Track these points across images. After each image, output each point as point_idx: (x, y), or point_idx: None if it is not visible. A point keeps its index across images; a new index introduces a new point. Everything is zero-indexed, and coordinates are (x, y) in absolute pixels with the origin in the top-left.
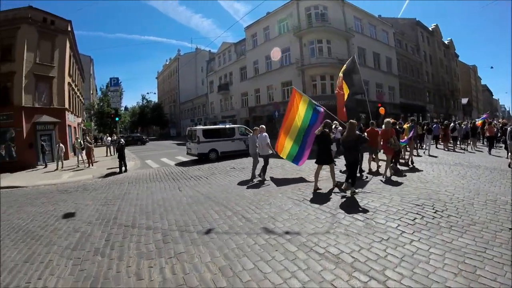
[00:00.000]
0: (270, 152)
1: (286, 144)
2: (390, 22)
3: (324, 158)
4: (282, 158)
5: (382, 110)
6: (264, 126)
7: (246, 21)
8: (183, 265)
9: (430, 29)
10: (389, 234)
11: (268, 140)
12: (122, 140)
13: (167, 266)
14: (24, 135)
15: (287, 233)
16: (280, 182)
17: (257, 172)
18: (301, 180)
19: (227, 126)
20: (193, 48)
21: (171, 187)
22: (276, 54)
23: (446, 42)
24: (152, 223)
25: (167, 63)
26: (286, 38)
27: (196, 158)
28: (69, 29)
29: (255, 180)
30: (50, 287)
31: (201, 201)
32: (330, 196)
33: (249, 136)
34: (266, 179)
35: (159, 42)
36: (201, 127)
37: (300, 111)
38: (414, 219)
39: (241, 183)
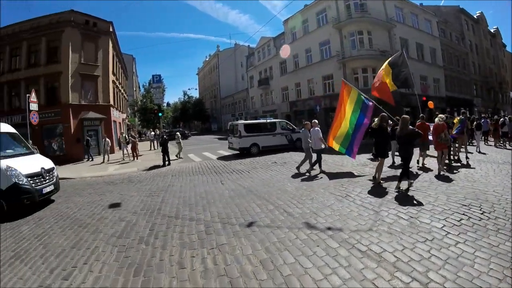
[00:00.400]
0: (323, 146)
1: (338, 136)
2: (433, 10)
3: (382, 151)
4: (330, 153)
5: (431, 104)
6: (316, 121)
7: (284, 15)
8: (225, 256)
9: (475, 16)
10: (434, 234)
11: (321, 134)
12: (165, 135)
13: (209, 256)
14: (72, 131)
15: (329, 229)
16: (322, 177)
17: (304, 167)
18: (344, 175)
19: (268, 120)
20: (232, 44)
21: (213, 180)
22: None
23: (492, 30)
24: (195, 214)
25: (207, 59)
26: (325, 31)
27: (238, 152)
28: (111, 30)
29: (307, 174)
30: (95, 272)
31: (243, 194)
32: (375, 193)
33: (301, 130)
34: (320, 172)
35: (198, 39)
36: (243, 121)
37: (349, 104)
38: (460, 220)
39: (288, 177)
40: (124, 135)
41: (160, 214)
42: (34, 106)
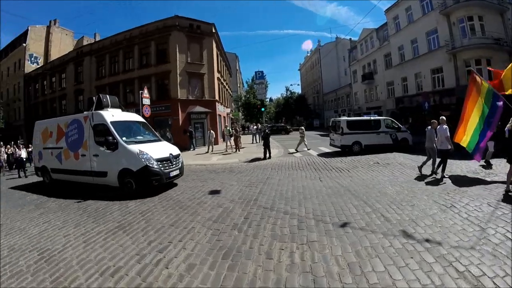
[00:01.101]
0: (450, 147)
1: (467, 132)
2: None
3: None
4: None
5: None
6: (444, 118)
7: (385, 4)
8: (313, 253)
9: None
10: None
11: (448, 133)
12: (267, 129)
13: (297, 251)
14: (180, 123)
15: (427, 240)
16: (445, 182)
17: (426, 168)
18: (472, 183)
19: (372, 118)
20: (333, 38)
21: (312, 176)
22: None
23: None
24: (290, 208)
25: (308, 54)
26: (431, 18)
27: (339, 150)
28: (213, 31)
29: (433, 177)
30: (188, 249)
31: (341, 193)
32: (484, 206)
33: (427, 129)
34: (445, 176)
35: (298, 35)
36: (345, 118)
37: (479, 100)
38: None
39: (389, 179)
40: (228, 128)
41: (256, 204)
42: (146, 101)
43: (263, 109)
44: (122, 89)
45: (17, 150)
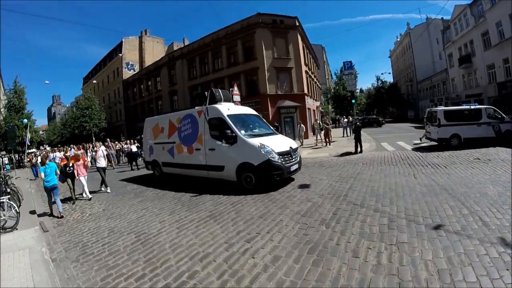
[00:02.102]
0: None
1: None
2: None
3: None
4: None
5: None
6: None
7: None
8: (402, 255)
9: None
10: None
11: None
12: (358, 122)
13: (385, 252)
14: (270, 118)
15: None
16: None
17: None
18: None
19: (472, 107)
20: (423, 19)
21: (405, 173)
22: None
23: None
24: (380, 206)
25: (398, 39)
26: None
27: (435, 143)
28: (297, 24)
29: None
30: (275, 241)
31: (436, 192)
32: None
33: None
34: None
35: (385, 19)
36: (442, 108)
37: None
38: None
39: (491, 177)
40: (318, 121)
41: (345, 200)
42: (237, 98)
43: (353, 101)
44: (213, 88)
45: (128, 145)
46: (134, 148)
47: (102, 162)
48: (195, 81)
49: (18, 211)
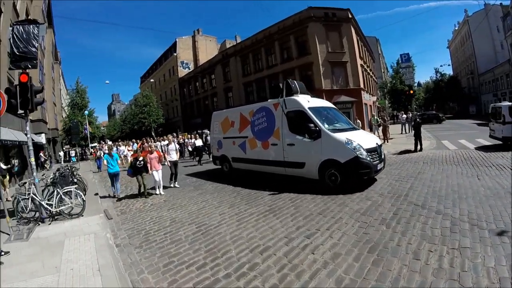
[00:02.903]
0: None
1: None
2: None
3: None
4: None
5: None
6: None
7: None
8: (464, 260)
9: None
10: None
11: None
12: (418, 118)
13: (447, 256)
14: None
15: None
16: None
17: None
18: None
19: None
20: (481, 5)
21: (468, 173)
22: None
23: None
24: (443, 208)
25: (456, 28)
26: None
27: (500, 142)
28: (350, 16)
29: None
30: (334, 239)
31: (501, 195)
32: None
33: None
34: None
35: (440, 6)
36: (508, 103)
37: None
38: None
39: None
40: (375, 117)
41: (406, 200)
42: None
43: (413, 93)
44: (267, 84)
45: (191, 139)
46: (198, 143)
47: (174, 156)
48: (249, 78)
49: (84, 199)
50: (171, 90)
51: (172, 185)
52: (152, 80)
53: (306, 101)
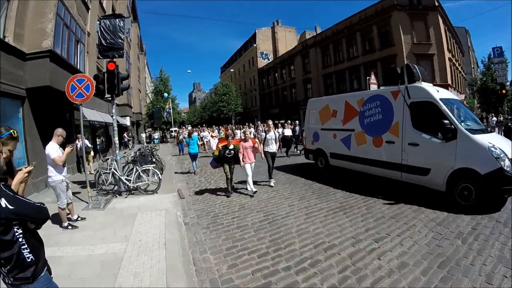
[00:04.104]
0: None
1: None
2: None
3: None
4: None
5: None
6: None
7: None
8: None
9: None
10: None
11: None
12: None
13: None
14: None
15: None
16: None
17: None
18: None
19: None
20: None
21: None
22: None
23: None
24: None
25: None
26: None
27: None
28: (436, 4)
29: None
30: (404, 246)
31: None
32: None
33: None
34: None
35: None
36: None
37: None
38: None
39: None
40: None
41: (487, 215)
42: (374, 87)
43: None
44: (348, 76)
45: (282, 129)
46: (287, 132)
47: (273, 146)
48: (329, 69)
49: (160, 178)
50: (250, 80)
51: (271, 184)
52: (232, 70)
53: (436, 90)
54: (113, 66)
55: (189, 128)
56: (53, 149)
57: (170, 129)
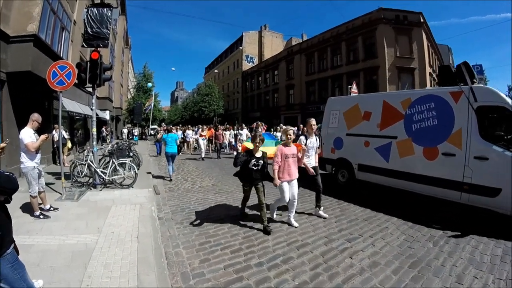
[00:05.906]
0: None
1: None
2: None
3: None
4: None
5: None
6: None
7: None
8: None
9: None
10: None
11: None
12: None
13: (492, 286)
14: None
15: None
16: None
17: None
18: None
19: None
20: None
21: None
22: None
23: None
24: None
25: None
26: None
27: None
28: (422, 20)
29: None
30: (376, 247)
31: None
32: None
33: None
34: None
35: None
36: None
37: None
38: None
39: None
40: None
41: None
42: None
43: None
44: (330, 84)
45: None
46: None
47: (312, 159)
48: (312, 77)
49: (136, 172)
50: (233, 82)
51: (322, 212)
52: (216, 71)
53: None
54: (97, 55)
55: (165, 127)
56: (27, 134)
57: (150, 126)
